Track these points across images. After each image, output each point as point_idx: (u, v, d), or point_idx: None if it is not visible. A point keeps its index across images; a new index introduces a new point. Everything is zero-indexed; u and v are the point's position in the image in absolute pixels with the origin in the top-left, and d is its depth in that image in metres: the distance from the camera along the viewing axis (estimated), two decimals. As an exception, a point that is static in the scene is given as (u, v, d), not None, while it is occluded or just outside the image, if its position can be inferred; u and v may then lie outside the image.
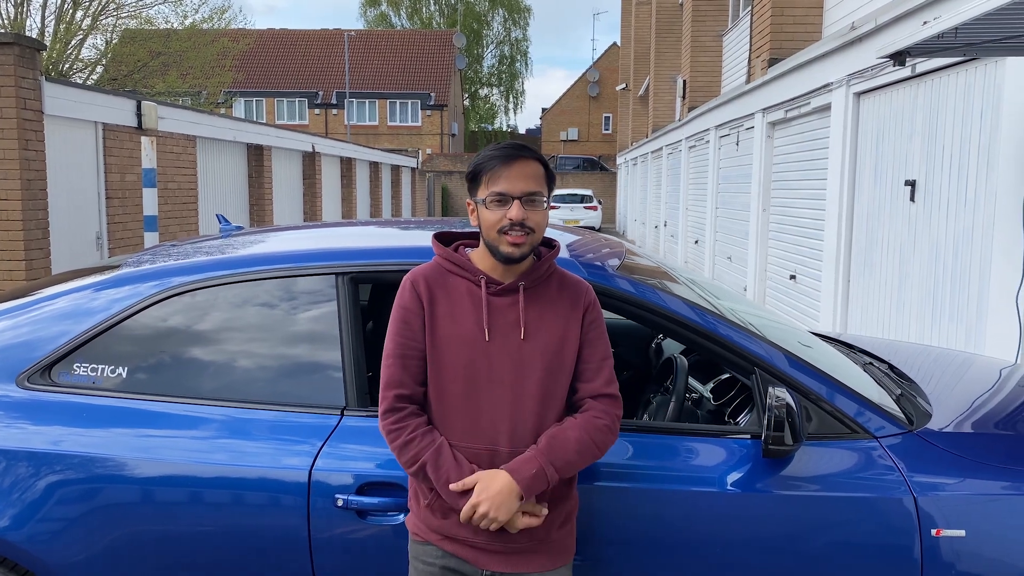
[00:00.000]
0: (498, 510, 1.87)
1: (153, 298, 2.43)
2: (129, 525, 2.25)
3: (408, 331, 1.97)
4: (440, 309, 1.97)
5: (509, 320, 1.96)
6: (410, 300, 1.99)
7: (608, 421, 1.98)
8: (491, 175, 1.95)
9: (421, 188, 31.22)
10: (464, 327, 1.95)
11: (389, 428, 1.95)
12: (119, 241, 9.92)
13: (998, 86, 4.85)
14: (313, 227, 3.20)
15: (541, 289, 2.01)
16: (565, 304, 2.01)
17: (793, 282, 8.97)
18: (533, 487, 1.89)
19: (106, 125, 9.62)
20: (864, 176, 7.00)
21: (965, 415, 2.66)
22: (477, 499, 1.87)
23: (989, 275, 4.86)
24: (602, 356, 2.02)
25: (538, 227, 1.95)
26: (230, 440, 2.29)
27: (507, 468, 1.90)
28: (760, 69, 10.19)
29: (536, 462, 1.90)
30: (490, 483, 1.88)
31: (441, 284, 2.00)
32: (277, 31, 48.45)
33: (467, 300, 1.98)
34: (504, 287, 1.98)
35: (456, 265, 2.01)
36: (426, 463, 1.91)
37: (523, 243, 1.93)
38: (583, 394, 2.00)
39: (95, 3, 19.94)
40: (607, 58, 51.04)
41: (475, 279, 1.99)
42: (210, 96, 25.27)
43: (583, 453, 1.94)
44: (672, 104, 21.09)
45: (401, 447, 1.94)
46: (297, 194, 17.06)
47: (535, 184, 1.95)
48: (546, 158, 2.09)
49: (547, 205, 1.98)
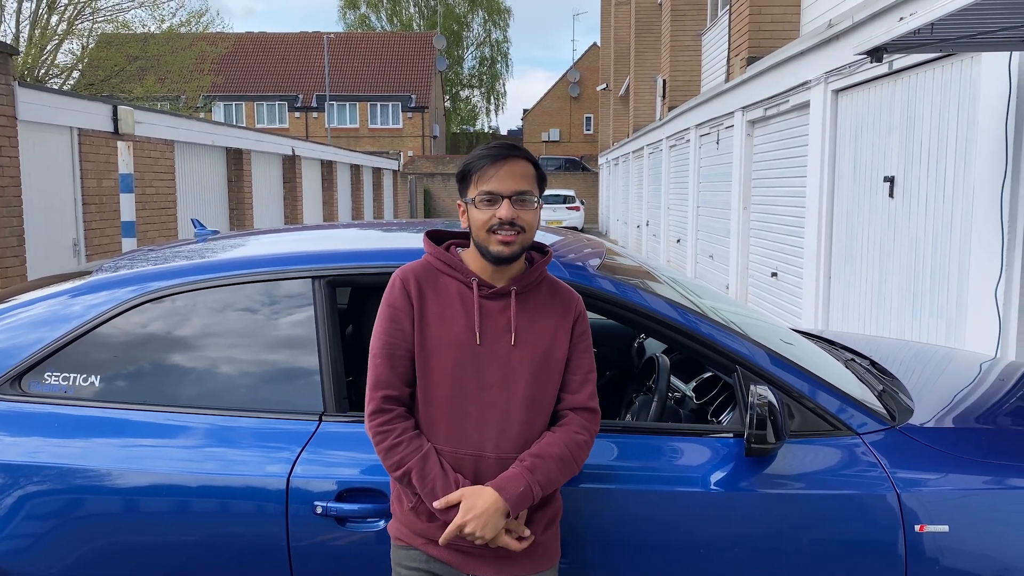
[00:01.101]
0: (484, 528, 1.84)
1: (123, 306, 2.39)
2: (104, 537, 2.20)
3: (397, 330, 1.93)
4: (430, 309, 1.94)
5: (500, 325, 1.93)
6: (400, 298, 1.95)
7: (587, 437, 1.97)
8: (481, 175, 1.92)
9: (403, 190, 31.13)
10: (454, 329, 1.92)
11: (376, 431, 1.92)
12: (96, 247, 9.82)
13: (974, 81, 4.88)
14: (292, 230, 3.17)
15: (532, 295, 1.99)
16: (556, 312, 1.99)
17: (775, 279, 9.01)
18: (520, 505, 1.88)
19: (82, 130, 9.52)
20: (843, 173, 7.04)
21: (946, 410, 2.66)
22: (463, 518, 1.84)
23: (968, 270, 4.88)
24: (588, 369, 2.01)
25: (529, 227, 1.93)
26: (207, 448, 2.25)
27: (494, 485, 1.87)
28: (739, 68, 10.23)
29: (523, 480, 1.87)
30: (476, 501, 1.85)
31: (431, 284, 1.96)
32: (256, 34, 48.21)
33: (457, 302, 1.94)
34: (496, 291, 1.95)
35: (448, 265, 1.98)
36: (412, 470, 1.88)
37: (513, 242, 1.90)
38: (566, 405, 1.99)
39: (71, 7, 19.76)
40: (587, 59, 51.14)
41: (467, 280, 1.96)
42: (189, 100, 25.09)
43: (564, 471, 1.94)
44: (652, 104, 21.14)
45: (387, 451, 1.90)
46: (277, 198, 16.95)
47: (525, 183, 1.93)
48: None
49: (538, 205, 1.95)
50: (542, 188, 1.99)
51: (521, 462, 1.90)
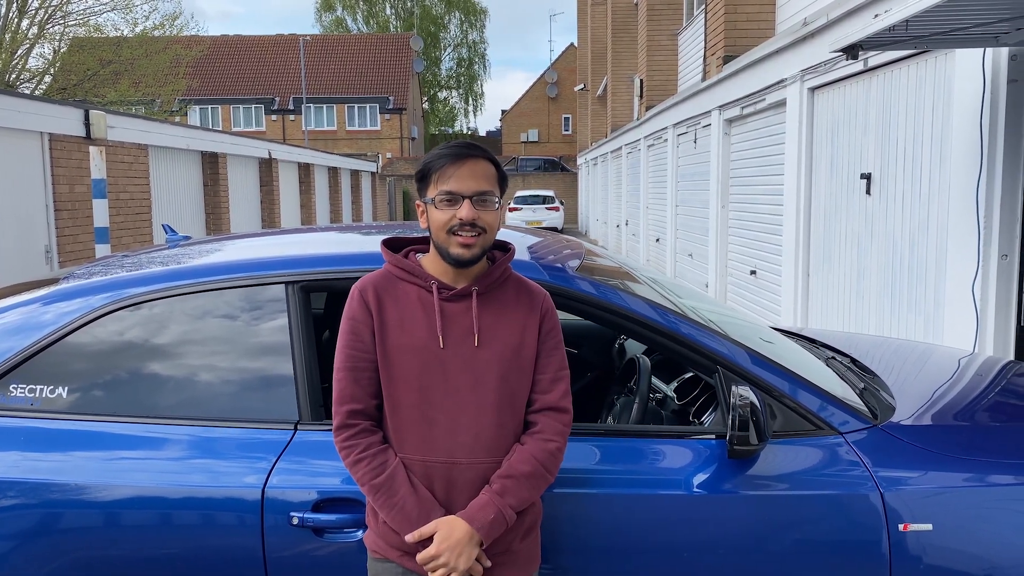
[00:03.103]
0: (459, 559, 1.83)
1: (86, 317, 2.32)
2: (71, 553, 2.14)
3: (357, 342, 1.90)
4: (389, 317, 1.90)
5: (463, 327, 1.90)
6: (358, 310, 1.92)
7: (559, 442, 1.93)
8: (440, 174, 1.88)
9: (382, 192, 31.01)
10: (416, 335, 1.88)
11: (341, 446, 1.90)
12: (70, 254, 9.67)
13: (948, 78, 4.91)
14: (269, 234, 3.11)
15: (497, 294, 1.95)
16: (522, 310, 1.95)
17: (754, 278, 9.03)
18: (493, 532, 1.86)
19: (52, 135, 9.37)
20: (820, 171, 7.06)
21: (928, 407, 2.66)
22: (438, 550, 1.83)
23: (945, 266, 4.91)
24: (558, 367, 1.97)
25: (489, 228, 1.89)
26: (179, 460, 2.19)
27: (464, 516, 1.85)
28: (715, 67, 10.26)
29: (493, 507, 1.85)
30: (450, 532, 1.83)
31: (390, 291, 1.93)
32: (231, 37, 47.84)
33: (418, 307, 1.91)
34: (457, 292, 1.91)
35: (405, 271, 1.94)
36: (378, 487, 1.86)
37: (473, 244, 1.87)
38: (536, 406, 1.95)
39: (42, 11, 19.50)
40: (565, 59, 51.22)
41: (426, 285, 1.92)
42: (164, 104, 24.85)
43: (536, 487, 1.91)
44: (630, 104, 21.19)
45: (352, 466, 1.89)
46: (254, 202, 16.81)
47: (486, 183, 1.89)
48: (507, 159, 2.04)
49: (499, 206, 1.92)
50: (503, 189, 1.95)
51: (490, 486, 1.87)
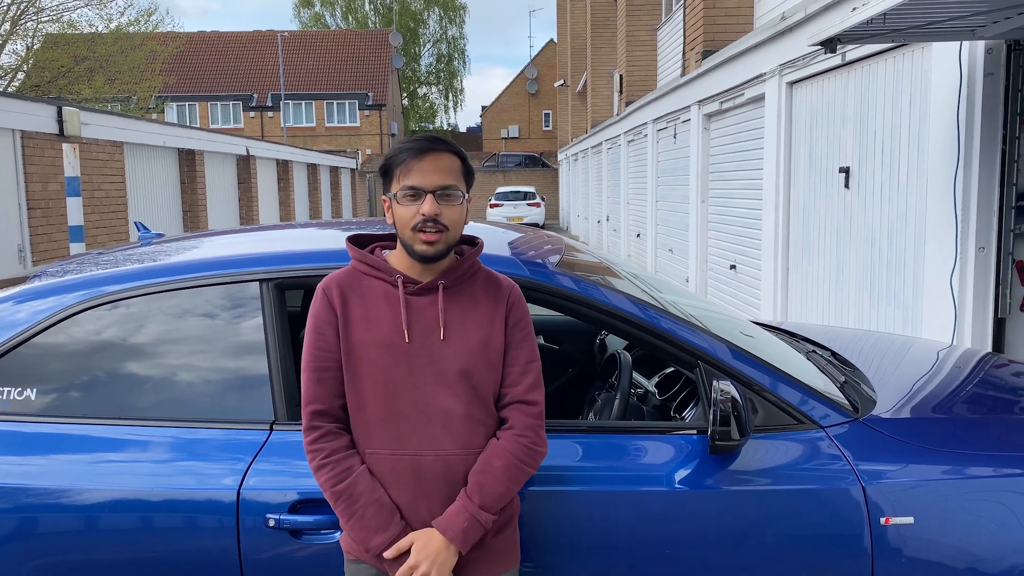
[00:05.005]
0: (440, 570, 1.82)
1: (59, 315, 2.27)
2: (47, 556, 2.09)
3: (322, 342, 1.87)
4: (354, 313, 1.87)
5: (429, 320, 1.87)
6: (322, 308, 1.89)
7: (532, 437, 1.90)
8: (403, 168, 1.84)
9: (362, 189, 30.86)
10: (381, 330, 1.86)
11: (307, 449, 1.89)
12: (44, 253, 9.53)
13: (926, 71, 4.93)
14: (247, 231, 3.06)
15: (464, 288, 1.92)
16: (489, 303, 1.92)
17: (734, 272, 9.06)
18: (469, 539, 1.84)
19: (24, 132, 9.23)
20: (799, 164, 7.08)
21: (908, 400, 2.65)
22: (416, 558, 1.81)
23: (924, 258, 4.93)
24: (527, 359, 1.93)
25: (453, 224, 1.85)
26: (153, 462, 2.15)
27: (438, 526, 1.83)
28: (694, 62, 10.27)
29: (465, 513, 1.83)
30: (427, 544, 1.82)
31: (355, 288, 1.90)
32: (209, 33, 47.41)
33: (383, 302, 1.88)
34: (423, 286, 1.89)
35: (370, 267, 1.91)
36: (339, 494, 1.84)
37: (437, 241, 1.83)
38: (506, 400, 1.92)
39: (14, 7, 19.22)
40: (545, 55, 51.16)
41: (391, 279, 1.89)
42: (140, 101, 24.58)
43: (515, 479, 1.88)
44: (610, 99, 21.20)
45: (316, 471, 1.87)
46: (232, 199, 16.67)
47: (450, 177, 1.85)
48: (488, 155, 2.00)
49: (465, 200, 1.88)
50: (469, 183, 1.91)
51: (464, 491, 1.86)
